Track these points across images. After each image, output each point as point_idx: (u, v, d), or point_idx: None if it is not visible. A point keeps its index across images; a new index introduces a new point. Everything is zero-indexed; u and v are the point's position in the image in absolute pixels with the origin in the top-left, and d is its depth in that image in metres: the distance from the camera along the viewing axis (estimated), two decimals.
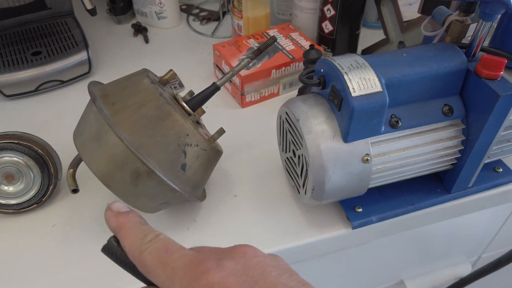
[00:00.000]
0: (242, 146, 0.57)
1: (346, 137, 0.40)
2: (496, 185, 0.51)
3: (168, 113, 0.40)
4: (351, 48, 0.68)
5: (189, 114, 0.44)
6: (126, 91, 0.40)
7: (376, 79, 0.38)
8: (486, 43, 0.43)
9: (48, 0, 0.70)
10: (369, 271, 0.69)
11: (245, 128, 0.60)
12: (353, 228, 0.47)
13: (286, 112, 0.44)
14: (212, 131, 0.52)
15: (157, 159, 0.39)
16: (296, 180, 0.46)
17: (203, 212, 0.49)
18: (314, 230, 0.47)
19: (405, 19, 0.60)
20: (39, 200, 0.47)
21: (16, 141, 0.45)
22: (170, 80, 0.44)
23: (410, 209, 0.49)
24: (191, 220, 0.48)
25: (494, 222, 0.70)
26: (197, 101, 0.46)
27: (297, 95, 0.64)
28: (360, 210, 0.47)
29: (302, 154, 0.42)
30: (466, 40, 0.44)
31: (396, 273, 0.72)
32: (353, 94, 0.37)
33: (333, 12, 0.63)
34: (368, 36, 0.75)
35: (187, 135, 0.40)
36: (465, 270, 0.75)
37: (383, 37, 0.67)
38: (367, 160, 0.41)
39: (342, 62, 0.39)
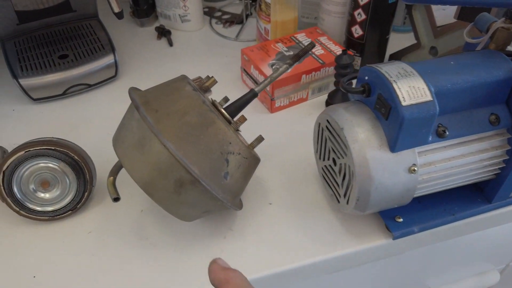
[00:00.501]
0: (274, 152, 0.57)
1: (393, 147, 0.39)
2: None
3: (212, 121, 0.39)
4: (380, 52, 0.67)
5: (229, 121, 0.43)
6: (168, 98, 0.40)
7: (426, 88, 0.37)
8: None
9: (73, 3, 0.70)
10: (396, 279, 0.68)
11: (275, 134, 0.59)
12: (394, 238, 0.46)
13: (327, 120, 0.43)
14: (243, 137, 0.51)
15: (201, 167, 0.38)
16: (336, 190, 0.46)
17: (239, 220, 0.48)
18: (353, 240, 0.47)
19: (438, 24, 0.59)
20: (74, 207, 0.47)
21: (53, 147, 0.44)
22: (210, 87, 0.43)
23: (450, 219, 0.48)
24: (227, 228, 0.48)
25: None
26: (236, 108, 0.45)
27: (327, 100, 0.63)
28: (401, 220, 0.46)
29: (345, 164, 0.42)
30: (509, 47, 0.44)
31: (423, 281, 0.71)
32: (403, 103, 0.37)
33: (364, 16, 0.62)
34: (394, 40, 0.74)
35: (230, 143, 0.40)
36: (494, 278, 0.74)
37: (410, 40, 0.67)
38: (414, 170, 0.40)
39: (390, 70, 0.39)
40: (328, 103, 0.63)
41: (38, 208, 0.46)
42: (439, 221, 0.47)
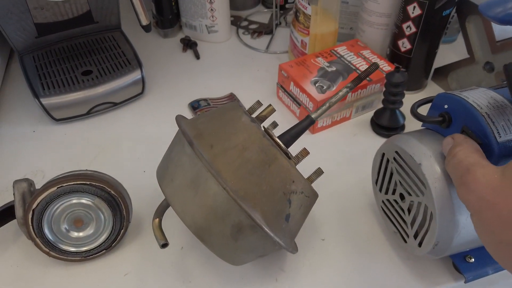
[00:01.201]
0: (320, 178, 0.52)
1: None
2: None
3: (274, 157, 0.34)
4: (427, 67, 0.62)
5: (286, 154, 0.38)
6: (224, 130, 0.35)
7: None
8: None
9: (95, 13, 0.65)
10: None
11: (319, 158, 0.54)
12: (466, 281, 0.41)
13: (397, 152, 0.38)
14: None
15: (262, 210, 0.33)
16: (402, 228, 0.41)
17: (290, 260, 0.44)
18: (418, 283, 0.42)
19: (498, 39, 0.54)
20: (109, 246, 0.42)
21: (89, 182, 0.39)
22: (268, 117, 0.38)
23: None
24: (278, 269, 0.43)
25: None
26: (290, 137, 0.40)
27: (372, 119, 0.59)
28: (472, 260, 0.42)
29: (420, 203, 0.37)
30: None
31: None
32: (499, 140, 0.32)
33: (414, 29, 0.57)
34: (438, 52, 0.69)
35: (293, 181, 0.35)
36: None
37: (453, 51, 0.62)
38: None
39: (478, 99, 0.34)
40: (373, 122, 0.58)
41: (72, 249, 0.41)
42: None
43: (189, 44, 0.73)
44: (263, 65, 0.71)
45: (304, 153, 0.37)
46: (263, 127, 0.40)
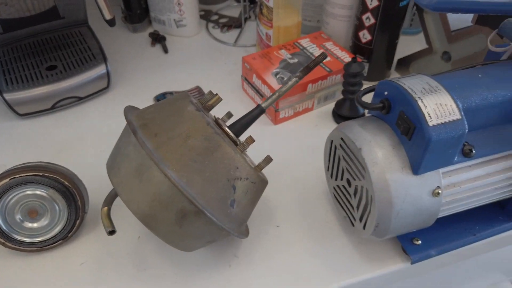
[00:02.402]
0: (279, 168, 0.53)
1: (417, 169, 0.35)
2: None
3: (218, 145, 0.35)
4: (389, 58, 0.63)
5: (235, 142, 0.39)
6: (169, 119, 0.36)
7: (454, 105, 0.34)
8: None
9: (61, 9, 0.66)
10: None
11: (280, 147, 0.56)
12: (412, 263, 0.42)
13: (342, 138, 0.40)
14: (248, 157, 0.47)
15: (206, 197, 0.34)
16: (350, 212, 0.42)
17: (244, 246, 0.45)
18: (368, 265, 0.43)
19: (453, 28, 0.56)
20: (65, 236, 0.43)
21: (41, 173, 0.40)
22: (214, 106, 0.39)
23: (471, 239, 0.44)
24: (232, 255, 0.44)
25: None
26: (241, 126, 0.41)
27: (333, 110, 0.60)
28: (419, 242, 0.43)
29: (362, 186, 0.38)
30: None
31: None
32: (430, 123, 0.33)
33: (373, 21, 0.58)
34: (401, 43, 0.70)
35: (237, 168, 0.36)
36: None
37: (418, 43, 0.63)
38: (438, 193, 0.36)
39: (413, 85, 0.35)
40: (335, 113, 0.60)
41: (26, 239, 0.42)
42: (460, 242, 0.44)
43: (157, 39, 0.74)
44: (231, 58, 0.71)
45: (250, 140, 0.38)
46: (214, 116, 0.41)
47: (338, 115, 0.59)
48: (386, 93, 0.37)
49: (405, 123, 0.35)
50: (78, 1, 0.66)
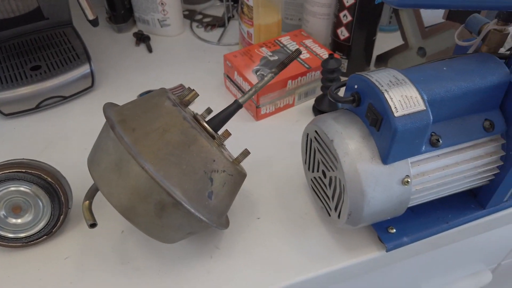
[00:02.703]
0: (261, 162, 0.54)
1: (386, 159, 0.37)
2: None
3: (194, 138, 0.36)
4: (367, 54, 0.65)
5: (212, 136, 0.40)
6: (147, 115, 0.37)
7: (419, 97, 0.36)
8: None
9: (45, 10, 0.66)
10: (389, 285, 0.66)
11: (262, 143, 0.57)
12: (387, 250, 0.44)
13: (316, 131, 0.41)
14: (227, 146, 0.49)
15: (183, 189, 0.36)
16: (326, 202, 0.44)
17: (226, 238, 0.46)
18: (345, 253, 0.45)
19: (426, 25, 0.58)
20: (49, 231, 0.44)
21: (24, 170, 0.41)
22: (192, 101, 0.40)
23: (444, 227, 0.46)
24: (214, 247, 0.45)
25: None
26: (219, 121, 0.42)
27: (314, 106, 0.61)
28: (394, 231, 0.45)
29: (335, 177, 0.40)
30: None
31: (417, 286, 0.70)
32: (396, 114, 0.35)
33: (350, 18, 0.60)
34: (381, 40, 0.72)
35: (214, 160, 0.37)
36: (486, 278, 0.73)
37: (397, 40, 0.65)
38: (407, 182, 0.38)
39: (380, 78, 0.37)
40: (315, 108, 0.61)
41: (10, 235, 0.42)
42: (433, 230, 0.46)
43: (142, 38, 0.75)
44: (214, 57, 0.73)
45: (226, 134, 0.40)
46: (193, 112, 0.43)
47: (319, 111, 0.60)
48: (356, 86, 0.39)
49: (373, 115, 0.36)
50: (62, 2, 0.67)
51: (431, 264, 0.66)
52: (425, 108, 0.35)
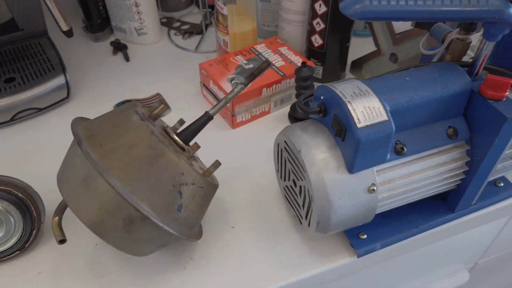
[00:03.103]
0: (236, 171, 0.55)
1: (351, 168, 0.38)
2: (499, 200, 0.51)
3: (162, 153, 0.37)
4: (342, 60, 0.66)
5: (183, 149, 0.41)
6: (115, 129, 0.37)
7: (381, 107, 0.36)
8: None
9: (19, 21, 0.66)
10: (365, 285, 0.67)
11: (237, 151, 0.58)
12: (359, 256, 0.45)
13: (286, 141, 0.42)
14: (202, 156, 0.49)
15: (151, 203, 0.36)
16: (298, 211, 0.44)
17: (200, 248, 0.46)
18: (318, 260, 0.45)
19: (397, 31, 0.59)
20: (22, 247, 0.44)
21: None
22: (160, 115, 0.41)
23: (414, 232, 0.47)
24: (187, 258, 0.46)
25: (491, 229, 0.70)
26: (190, 133, 0.43)
27: (289, 113, 0.62)
28: (365, 236, 0.46)
29: (304, 186, 0.40)
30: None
31: (394, 286, 0.71)
32: (358, 125, 0.35)
33: (322, 25, 0.61)
34: (356, 45, 0.73)
35: (182, 174, 0.38)
36: (463, 277, 0.74)
37: (372, 45, 0.66)
38: (373, 190, 0.39)
39: (344, 89, 0.37)
40: (290, 115, 0.62)
41: None
42: (403, 235, 0.47)
43: (119, 47, 0.75)
44: (192, 64, 0.73)
45: (195, 147, 0.40)
46: (163, 125, 0.43)
47: (294, 118, 0.61)
48: (322, 97, 0.39)
49: (338, 126, 0.37)
50: (36, 13, 0.67)
51: (408, 265, 0.67)
52: (387, 119, 0.36)
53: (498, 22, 0.35)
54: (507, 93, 0.39)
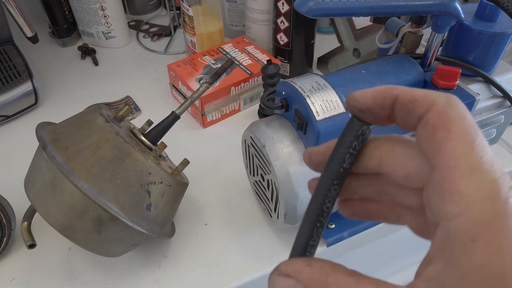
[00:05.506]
0: (207, 169, 0.56)
1: None
2: None
3: (127, 153, 0.37)
4: (308, 57, 0.68)
5: (150, 149, 0.41)
6: (79, 132, 0.38)
7: (339, 100, 0.38)
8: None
9: None
10: None
11: (208, 149, 0.58)
12: (328, 245, 0.46)
13: (251, 137, 0.43)
14: (174, 156, 0.50)
15: (119, 203, 0.36)
16: (267, 204, 0.45)
17: (173, 246, 0.47)
18: (289, 251, 0.47)
19: (358, 27, 0.61)
20: None
21: None
22: (125, 116, 0.41)
23: None
24: (161, 256, 0.46)
25: None
26: (157, 133, 0.43)
27: (259, 110, 0.63)
28: (333, 226, 0.47)
29: (271, 180, 0.41)
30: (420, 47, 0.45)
31: (370, 274, 0.73)
32: (317, 118, 0.37)
33: (287, 24, 0.62)
34: (322, 42, 0.75)
35: (150, 173, 0.38)
36: None
37: (337, 42, 0.68)
38: None
39: (303, 84, 0.39)
40: (260, 112, 0.63)
41: None
42: (370, 223, 0.48)
43: (87, 52, 0.74)
44: (161, 66, 0.73)
45: (162, 146, 0.41)
46: (130, 126, 0.43)
47: (263, 114, 0.62)
48: (283, 93, 0.41)
49: (299, 119, 0.38)
50: (0, 20, 0.66)
51: (381, 252, 0.69)
52: (344, 111, 0.38)
53: (444, 15, 0.37)
54: (457, 81, 0.41)
